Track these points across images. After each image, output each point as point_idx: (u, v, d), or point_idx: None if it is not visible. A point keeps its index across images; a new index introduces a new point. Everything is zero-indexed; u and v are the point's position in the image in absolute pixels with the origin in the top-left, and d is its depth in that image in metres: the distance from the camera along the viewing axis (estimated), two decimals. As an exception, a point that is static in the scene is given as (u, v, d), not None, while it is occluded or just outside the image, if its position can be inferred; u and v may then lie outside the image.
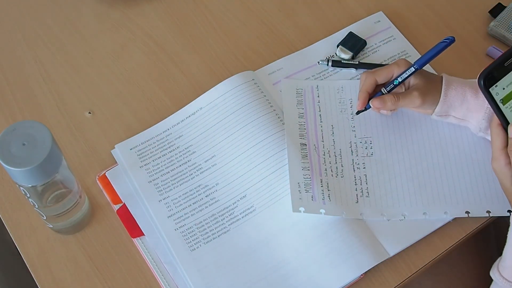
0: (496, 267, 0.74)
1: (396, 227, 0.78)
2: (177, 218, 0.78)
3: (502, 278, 0.73)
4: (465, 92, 0.79)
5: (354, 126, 0.85)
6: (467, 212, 0.78)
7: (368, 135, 0.85)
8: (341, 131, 0.85)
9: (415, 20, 0.97)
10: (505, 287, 0.72)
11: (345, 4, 0.98)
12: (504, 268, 0.73)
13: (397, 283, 0.76)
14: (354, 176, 0.81)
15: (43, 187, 0.67)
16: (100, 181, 0.81)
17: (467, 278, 0.91)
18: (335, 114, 0.87)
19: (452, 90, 0.79)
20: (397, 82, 0.80)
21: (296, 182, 0.79)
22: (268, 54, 0.93)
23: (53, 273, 0.76)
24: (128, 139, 0.84)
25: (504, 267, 0.73)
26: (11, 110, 0.88)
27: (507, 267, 0.72)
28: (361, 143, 0.84)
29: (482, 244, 0.94)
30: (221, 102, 0.86)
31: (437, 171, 0.82)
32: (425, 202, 0.79)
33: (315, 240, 0.76)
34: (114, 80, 0.91)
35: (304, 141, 0.83)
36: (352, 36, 0.93)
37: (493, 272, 0.74)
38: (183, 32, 0.95)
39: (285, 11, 0.98)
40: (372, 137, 0.84)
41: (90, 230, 0.79)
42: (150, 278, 0.75)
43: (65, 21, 0.96)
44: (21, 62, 0.92)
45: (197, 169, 0.82)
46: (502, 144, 0.71)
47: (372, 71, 0.83)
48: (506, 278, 0.72)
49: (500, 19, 0.94)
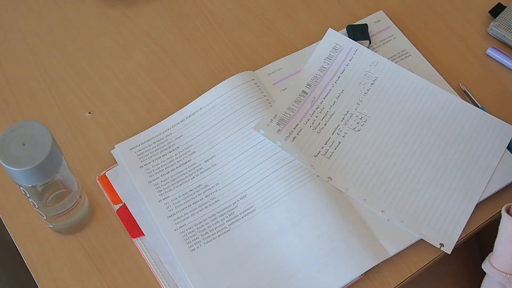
0: (488, 260, 0.74)
1: (396, 227, 0.78)
2: (177, 218, 0.78)
3: (493, 268, 0.73)
4: None
5: (361, 100, 0.87)
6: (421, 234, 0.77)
7: (368, 114, 0.85)
8: (347, 98, 0.87)
9: (415, 20, 0.97)
10: (497, 277, 0.72)
11: (345, 4, 0.98)
12: (495, 258, 0.73)
13: (397, 283, 0.76)
14: (329, 138, 0.83)
15: (43, 187, 0.67)
16: (100, 181, 0.81)
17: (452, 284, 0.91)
18: (352, 82, 0.88)
19: None
20: None
21: (274, 113, 0.83)
22: (268, 54, 0.93)
23: (53, 273, 0.76)
24: (128, 139, 0.84)
25: (495, 257, 0.73)
26: (11, 110, 0.88)
27: (498, 257, 0.72)
28: (356, 116, 0.85)
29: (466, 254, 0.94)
30: (221, 102, 0.86)
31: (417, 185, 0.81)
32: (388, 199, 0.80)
33: (315, 240, 0.76)
34: (114, 80, 0.91)
35: (307, 90, 0.86)
36: (354, 27, 0.93)
37: (485, 265, 0.74)
38: (183, 32, 0.95)
39: (285, 11, 0.98)
40: (370, 117, 0.85)
41: (90, 230, 0.79)
42: (150, 278, 0.75)
43: (65, 21, 0.96)
44: (21, 62, 0.92)
45: (197, 169, 0.82)
46: None
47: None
48: (497, 268, 0.72)
49: (500, 19, 0.94)
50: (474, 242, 0.97)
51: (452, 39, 0.96)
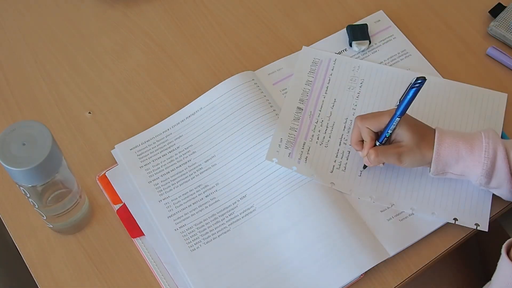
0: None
1: (396, 227, 0.78)
2: (177, 218, 0.78)
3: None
4: (459, 149, 0.75)
5: (356, 105, 0.87)
6: (455, 219, 0.78)
7: None
8: (342, 106, 0.87)
9: (415, 20, 0.97)
10: None
11: (345, 4, 0.98)
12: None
13: (397, 283, 0.76)
14: (338, 149, 0.83)
15: (43, 187, 0.67)
16: (100, 181, 0.81)
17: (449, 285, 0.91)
18: (342, 90, 0.88)
19: (444, 148, 0.75)
20: (388, 134, 0.76)
21: (279, 137, 0.82)
22: (268, 54, 0.93)
23: (53, 273, 0.76)
24: (128, 139, 0.84)
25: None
26: (11, 110, 0.88)
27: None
28: None
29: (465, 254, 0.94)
30: (221, 102, 0.86)
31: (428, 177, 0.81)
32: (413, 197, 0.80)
33: (315, 240, 0.76)
34: (114, 80, 0.91)
35: (301, 106, 0.86)
36: (354, 27, 0.93)
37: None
38: (183, 32, 0.95)
39: (285, 11, 0.98)
40: None
41: (90, 230, 0.79)
42: (150, 278, 0.75)
43: (65, 21, 0.96)
44: (21, 62, 0.92)
45: (197, 169, 0.82)
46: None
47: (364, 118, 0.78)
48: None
49: (500, 19, 0.94)
50: (474, 244, 0.97)
51: (452, 39, 0.96)
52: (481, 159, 0.74)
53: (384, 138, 0.77)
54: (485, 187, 0.77)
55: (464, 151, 0.74)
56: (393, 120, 0.75)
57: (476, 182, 0.76)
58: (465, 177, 0.77)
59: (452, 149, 0.75)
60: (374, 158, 0.76)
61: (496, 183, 0.75)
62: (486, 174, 0.74)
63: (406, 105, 0.74)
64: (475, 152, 0.74)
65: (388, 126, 0.76)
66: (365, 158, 0.78)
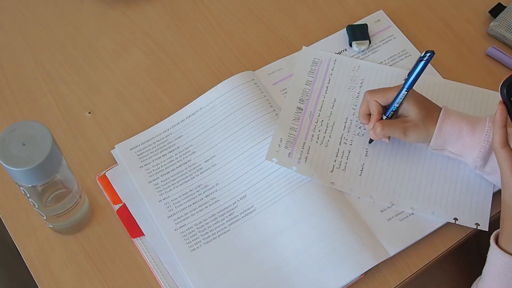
0: (476, 285, 0.72)
1: (396, 227, 0.78)
2: (177, 218, 0.78)
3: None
4: (461, 128, 0.76)
5: (356, 105, 0.87)
6: (455, 219, 0.78)
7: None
8: (342, 106, 0.87)
9: (415, 20, 0.97)
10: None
11: (345, 4, 0.98)
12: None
13: (397, 283, 0.76)
14: (338, 149, 0.83)
15: (43, 187, 0.67)
16: (100, 181, 0.81)
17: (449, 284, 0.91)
18: (342, 90, 0.88)
19: (447, 124, 0.76)
20: (395, 108, 0.78)
21: (279, 137, 0.82)
22: (268, 54, 0.93)
23: (53, 273, 0.76)
24: (128, 139, 0.84)
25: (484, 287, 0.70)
26: (11, 110, 0.88)
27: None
28: (356, 121, 0.86)
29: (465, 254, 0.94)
30: (221, 102, 0.86)
31: (430, 173, 0.82)
32: (413, 197, 0.80)
33: (315, 240, 0.76)
34: (114, 80, 0.91)
35: (301, 106, 0.86)
36: (354, 27, 0.93)
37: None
38: (183, 32, 0.95)
39: (285, 11, 0.98)
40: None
41: (90, 230, 0.79)
42: (150, 278, 0.75)
43: (65, 21, 0.96)
44: (21, 62, 0.92)
45: (197, 169, 0.82)
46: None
47: (374, 92, 0.80)
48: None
49: (500, 19, 0.94)
50: (474, 245, 0.97)
51: (452, 39, 0.96)
52: (481, 141, 0.75)
53: (391, 112, 0.78)
54: (480, 170, 0.78)
55: (466, 131, 0.76)
56: (400, 93, 0.76)
57: (471, 164, 0.78)
58: (462, 157, 0.78)
59: (454, 126, 0.76)
60: (380, 131, 0.77)
61: (491, 168, 0.76)
62: (483, 157, 0.76)
63: (414, 79, 0.75)
64: (476, 133, 0.75)
65: (395, 100, 0.77)
66: (371, 131, 0.79)
